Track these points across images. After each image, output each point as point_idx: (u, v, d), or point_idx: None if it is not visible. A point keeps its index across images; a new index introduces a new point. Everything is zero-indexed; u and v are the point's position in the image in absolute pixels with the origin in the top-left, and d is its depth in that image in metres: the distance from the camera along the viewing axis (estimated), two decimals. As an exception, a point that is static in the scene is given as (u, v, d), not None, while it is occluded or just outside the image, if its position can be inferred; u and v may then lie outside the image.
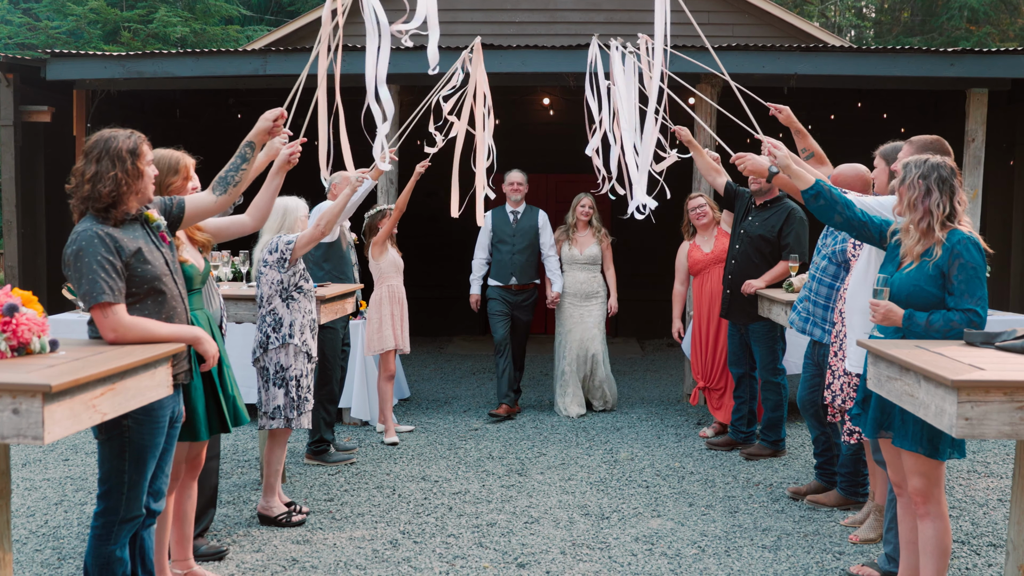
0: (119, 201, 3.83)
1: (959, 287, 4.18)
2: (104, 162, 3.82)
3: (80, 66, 10.05)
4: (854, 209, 4.63)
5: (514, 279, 9.10)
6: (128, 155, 3.85)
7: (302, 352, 5.87)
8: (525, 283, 9.17)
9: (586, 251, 9.16)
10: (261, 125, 4.52)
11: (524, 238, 9.14)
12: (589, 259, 9.15)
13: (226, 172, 4.39)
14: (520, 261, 9.13)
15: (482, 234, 9.29)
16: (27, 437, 3.02)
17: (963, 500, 6.44)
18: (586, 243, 9.19)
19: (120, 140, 3.88)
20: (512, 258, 9.12)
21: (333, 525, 5.89)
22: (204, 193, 4.41)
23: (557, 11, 14.06)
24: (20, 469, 7.03)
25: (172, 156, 4.67)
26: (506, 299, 9.16)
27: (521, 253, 9.13)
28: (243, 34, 23.84)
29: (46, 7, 24.17)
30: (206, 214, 4.41)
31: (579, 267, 9.15)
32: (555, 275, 9.21)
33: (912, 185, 4.28)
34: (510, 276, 9.11)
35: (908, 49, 9.72)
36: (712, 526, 5.90)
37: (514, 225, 9.18)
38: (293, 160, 4.95)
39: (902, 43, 22.18)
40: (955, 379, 3.35)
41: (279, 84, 5.07)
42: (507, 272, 9.13)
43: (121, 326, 3.73)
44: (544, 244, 9.20)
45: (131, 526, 3.90)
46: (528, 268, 9.17)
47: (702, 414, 9.07)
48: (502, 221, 9.24)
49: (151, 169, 3.98)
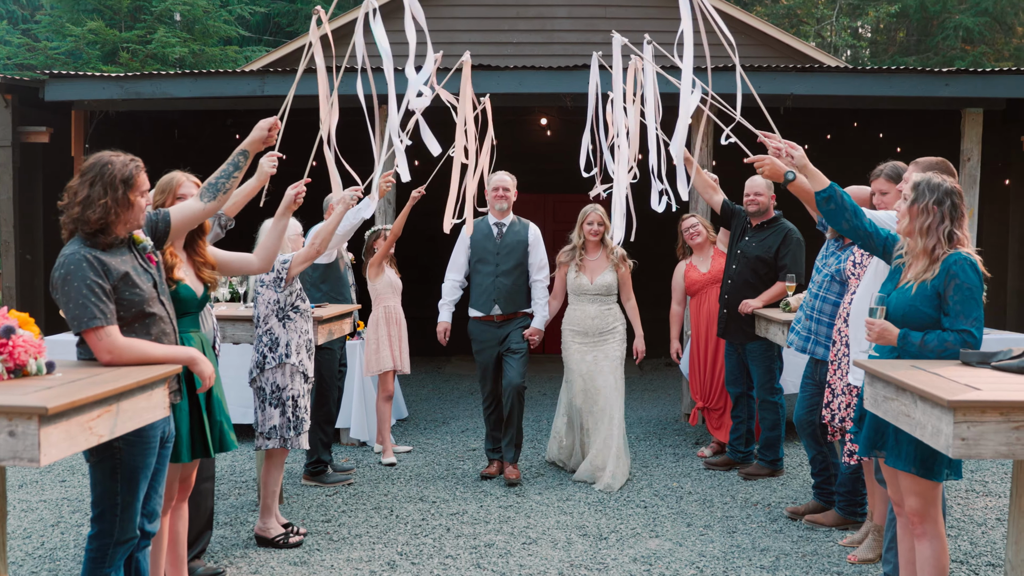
0: (107, 229, 3.82)
1: (955, 308, 4.18)
2: (97, 187, 3.81)
3: (79, 87, 10.09)
4: (862, 218, 4.64)
5: (497, 308, 7.35)
6: (121, 184, 3.83)
7: (299, 372, 5.86)
8: (511, 312, 7.39)
9: (598, 279, 7.39)
10: (256, 134, 4.53)
11: (511, 257, 7.35)
12: (602, 289, 7.40)
13: (216, 179, 4.36)
14: (505, 285, 7.33)
15: (457, 250, 7.58)
16: (23, 459, 3.01)
17: (961, 519, 6.43)
18: (598, 269, 7.43)
19: (116, 167, 3.86)
20: (495, 281, 7.34)
21: (331, 546, 5.87)
22: (191, 200, 4.39)
23: (554, 32, 14.12)
24: (16, 490, 7.01)
25: (165, 178, 4.71)
26: (490, 335, 7.41)
27: (507, 275, 7.34)
28: (241, 55, 23.90)
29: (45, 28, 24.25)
30: (193, 221, 4.38)
31: (589, 299, 7.41)
32: (540, 305, 7.43)
33: (926, 210, 4.24)
34: (492, 304, 7.35)
35: (904, 69, 9.79)
36: (710, 546, 5.89)
37: (498, 240, 7.38)
38: (299, 200, 4.98)
39: (898, 63, 22.32)
40: (951, 399, 3.35)
41: (277, 105, 5.06)
42: (488, 299, 7.36)
43: (116, 348, 3.72)
44: (533, 265, 7.41)
45: (125, 548, 3.88)
46: (516, 294, 7.38)
47: (700, 434, 9.06)
48: (482, 235, 7.41)
49: (143, 200, 3.95)
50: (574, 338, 7.43)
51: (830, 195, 4.63)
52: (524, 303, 7.44)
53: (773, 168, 5.09)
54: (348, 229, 6.82)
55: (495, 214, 7.43)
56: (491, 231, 7.42)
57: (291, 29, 25.51)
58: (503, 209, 7.40)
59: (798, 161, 4.75)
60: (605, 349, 7.37)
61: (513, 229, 7.43)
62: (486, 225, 7.43)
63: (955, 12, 23.18)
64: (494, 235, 7.41)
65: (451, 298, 7.57)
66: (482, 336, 7.44)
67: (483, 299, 7.38)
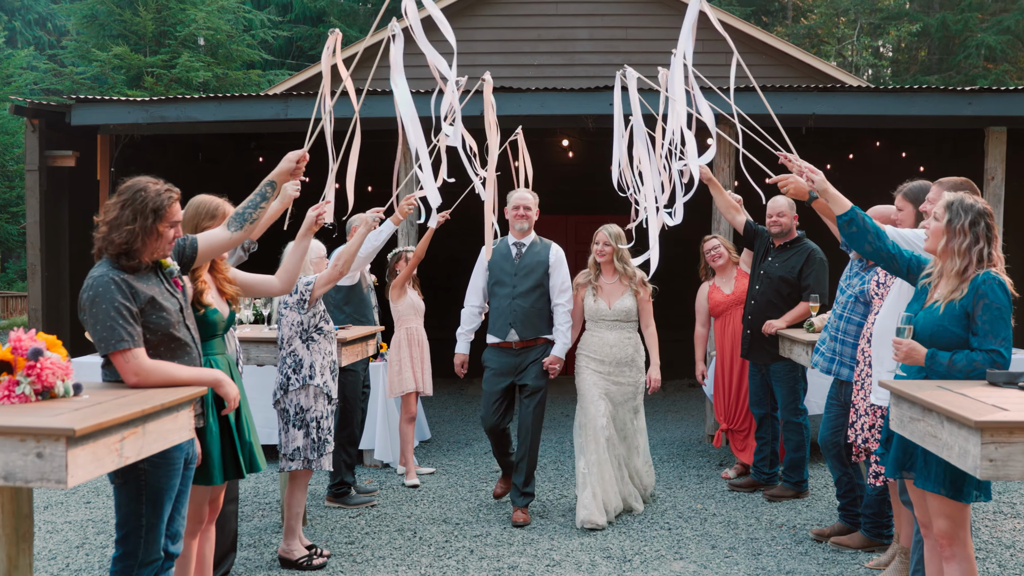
0: (131, 253, 3.85)
1: (983, 327, 4.15)
2: (127, 211, 3.85)
3: (104, 111, 10.20)
4: (885, 240, 4.61)
5: (514, 333, 6.86)
6: (152, 213, 3.87)
7: (323, 394, 5.88)
8: (530, 339, 6.91)
9: (616, 304, 6.94)
10: (284, 166, 4.55)
11: (529, 278, 6.88)
12: (621, 314, 6.94)
13: (243, 208, 4.40)
14: (522, 308, 6.84)
15: (476, 274, 7.17)
16: (50, 481, 3.03)
17: (989, 542, 6.37)
18: (615, 293, 6.99)
19: (149, 195, 3.89)
20: (512, 304, 6.86)
21: (354, 568, 5.87)
22: (218, 229, 4.42)
23: (576, 54, 14.18)
24: (42, 512, 7.05)
25: (212, 202, 4.75)
26: (505, 363, 6.94)
27: (524, 297, 6.85)
28: (264, 78, 24.13)
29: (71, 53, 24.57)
30: (220, 249, 4.42)
31: (607, 325, 6.96)
32: (560, 331, 6.91)
33: (961, 231, 4.21)
34: (508, 328, 6.86)
35: (926, 88, 9.75)
36: (735, 569, 5.85)
37: (516, 261, 6.95)
38: (320, 221, 5.00)
39: (920, 82, 22.24)
40: (978, 420, 3.32)
41: (301, 128, 5.12)
42: (504, 323, 6.88)
43: (143, 370, 3.75)
44: (554, 287, 6.93)
45: (150, 570, 3.89)
46: (534, 318, 6.88)
47: (724, 455, 9.01)
48: (501, 256, 7.01)
49: (173, 231, 3.97)
50: (589, 365, 6.94)
51: (852, 218, 4.60)
52: (544, 328, 6.93)
53: (797, 187, 5.08)
54: (371, 251, 6.84)
55: (515, 234, 7.00)
56: (510, 251, 6.98)
57: (313, 52, 25.76)
58: (523, 229, 6.96)
59: (818, 185, 4.74)
60: (622, 381, 6.94)
61: (533, 249, 6.97)
62: (505, 246, 7.02)
63: (977, 30, 23.13)
64: (512, 255, 6.96)
65: (469, 326, 7.15)
66: (496, 363, 6.95)
67: (500, 323, 6.91)
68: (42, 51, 28.00)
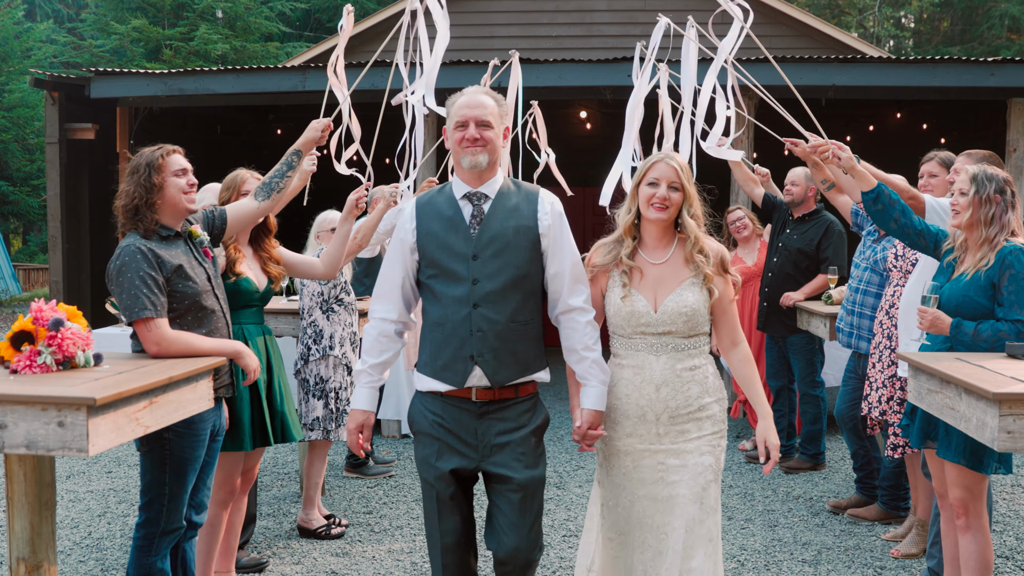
0: (139, 214, 3.86)
1: (1009, 298, 4.14)
2: (128, 179, 3.91)
3: (123, 84, 10.24)
4: (911, 216, 4.56)
5: (478, 372, 3.49)
6: (145, 168, 3.88)
7: (342, 364, 5.91)
8: (508, 382, 3.53)
9: (670, 301, 3.66)
10: (309, 135, 4.54)
11: (500, 258, 3.51)
12: (679, 321, 3.66)
13: (270, 178, 4.41)
14: (492, 322, 3.49)
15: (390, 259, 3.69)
16: (72, 449, 3.06)
17: (1007, 515, 6.36)
18: (669, 279, 3.72)
19: (144, 156, 3.93)
20: (471, 315, 3.49)
21: (372, 538, 5.92)
22: (246, 199, 4.44)
23: (594, 25, 14.10)
24: (64, 481, 7.13)
25: (242, 174, 4.81)
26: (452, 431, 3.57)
27: (494, 300, 3.50)
28: (282, 51, 24.11)
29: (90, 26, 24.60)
30: (249, 219, 4.43)
31: (650, 343, 3.68)
32: (587, 362, 3.62)
33: (989, 200, 4.20)
34: (465, 364, 3.50)
35: (948, 59, 9.66)
36: (751, 540, 5.87)
37: (474, 229, 3.55)
38: (361, 205, 5.01)
39: (942, 53, 22.01)
40: (996, 392, 3.31)
41: (318, 100, 5.12)
42: (456, 352, 3.52)
43: (164, 340, 3.78)
44: (556, 275, 3.59)
45: (171, 538, 3.94)
46: (515, 341, 3.53)
47: (741, 427, 9.02)
48: (443, 220, 3.58)
49: (179, 180, 3.94)
50: (625, 422, 3.71)
51: (878, 195, 4.54)
52: (535, 359, 3.60)
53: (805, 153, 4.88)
54: (389, 227, 6.83)
55: (465, 176, 3.60)
56: (459, 211, 3.58)
57: (331, 24, 25.70)
58: (478, 165, 3.53)
59: (845, 163, 4.57)
60: (682, 448, 3.68)
61: (504, 204, 3.59)
62: (448, 200, 3.62)
63: (1000, 1, 22.85)
64: (464, 218, 3.57)
65: (377, 358, 3.66)
66: (437, 431, 3.58)
67: (446, 352, 3.53)
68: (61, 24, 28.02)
